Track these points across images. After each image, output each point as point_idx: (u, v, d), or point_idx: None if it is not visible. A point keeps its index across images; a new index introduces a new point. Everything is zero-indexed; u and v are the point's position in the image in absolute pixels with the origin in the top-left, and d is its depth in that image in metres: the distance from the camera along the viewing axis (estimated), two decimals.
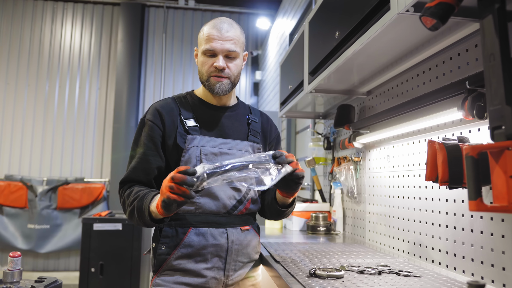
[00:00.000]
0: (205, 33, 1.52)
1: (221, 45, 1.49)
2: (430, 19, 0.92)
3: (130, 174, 1.49)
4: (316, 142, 2.95)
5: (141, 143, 1.51)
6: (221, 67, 1.50)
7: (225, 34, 1.50)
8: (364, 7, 1.35)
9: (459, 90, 1.28)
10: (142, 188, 1.43)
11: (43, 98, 6.29)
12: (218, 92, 1.53)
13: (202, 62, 1.53)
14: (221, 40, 1.49)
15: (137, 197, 1.38)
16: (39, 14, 6.42)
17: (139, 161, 1.49)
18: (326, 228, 2.51)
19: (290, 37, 4.75)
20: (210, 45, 1.49)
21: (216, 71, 1.51)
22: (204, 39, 1.52)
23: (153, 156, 1.49)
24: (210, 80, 1.53)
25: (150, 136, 1.50)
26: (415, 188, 1.70)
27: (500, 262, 1.20)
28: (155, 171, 1.49)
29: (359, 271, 1.37)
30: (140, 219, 1.37)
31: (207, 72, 1.53)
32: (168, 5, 6.60)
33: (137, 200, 1.37)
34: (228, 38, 1.50)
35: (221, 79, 1.52)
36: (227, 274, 1.52)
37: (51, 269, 5.90)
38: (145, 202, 1.34)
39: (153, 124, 1.51)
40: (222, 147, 1.53)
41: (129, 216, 1.42)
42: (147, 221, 1.35)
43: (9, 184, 5.80)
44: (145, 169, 1.48)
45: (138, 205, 1.35)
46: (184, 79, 6.63)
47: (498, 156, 0.81)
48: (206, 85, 1.55)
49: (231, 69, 1.53)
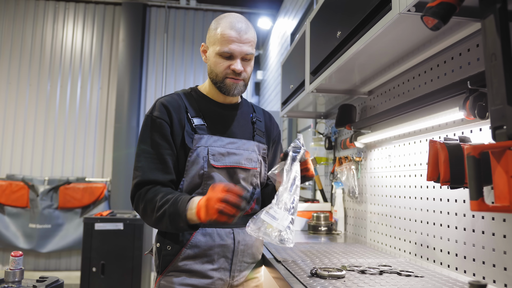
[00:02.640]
0: (222, 33, 1.45)
1: (239, 47, 1.45)
2: (431, 19, 0.92)
3: (148, 174, 1.41)
4: (317, 142, 2.95)
5: (154, 142, 1.44)
6: (240, 70, 1.46)
7: (244, 36, 1.45)
8: (366, 7, 1.35)
9: (461, 90, 1.27)
10: (167, 191, 1.38)
11: (45, 97, 6.30)
12: (234, 94, 1.51)
13: (217, 63, 1.48)
14: (240, 43, 1.45)
15: (167, 202, 1.32)
16: (40, 14, 6.43)
17: (154, 161, 1.43)
18: (328, 228, 2.51)
19: (291, 37, 4.75)
20: (228, 47, 1.44)
21: (232, 73, 1.47)
22: (220, 39, 1.45)
23: (169, 155, 1.44)
24: (225, 81, 1.49)
25: (162, 133, 1.45)
26: (417, 188, 1.70)
27: (502, 262, 1.20)
28: (172, 171, 1.45)
29: (360, 271, 1.37)
30: (172, 225, 1.33)
31: (222, 73, 1.48)
32: (169, 5, 6.61)
33: (169, 206, 1.31)
34: (246, 40, 1.46)
35: (237, 81, 1.49)
36: (232, 275, 1.51)
37: (53, 269, 5.91)
38: (180, 209, 1.30)
39: (162, 121, 1.45)
40: (230, 147, 1.50)
41: (156, 221, 1.36)
42: (182, 227, 1.32)
43: (10, 184, 5.81)
44: (163, 169, 1.43)
45: (171, 210, 1.31)
46: (185, 79, 6.63)
47: (500, 156, 0.81)
48: (221, 86, 1.50)
49: (247, 71, 1.50)
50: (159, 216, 1.34)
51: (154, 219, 1.37)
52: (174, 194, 1.35)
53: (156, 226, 1.40)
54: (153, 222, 1.38)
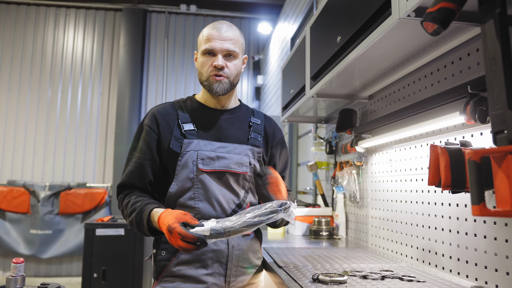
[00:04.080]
0: (205, 34, 1.54)
1: (220, 44, 1.50)
2: (431, 24, 0.92)
3: (127, 178, 1.53)
4: (318, 147, 2.95)
5: (138, 148, 1.54)
6: (220, 65, 1.50)
7: (224, 34, 1.51)
8: (366, 12, 1.35)
9: (461, 95, 1.27)
10: (138, 198, 1.47)
11: (46, 103, 6.31)
12: (217, 92, 1.53)
13: (202, 63, 1.54)
14: (221, 40, 1.51)
15: (134, 210, 1.43)
16: (41, 20, 6.46)
17: (135, 166, 1.52)
18: (329, 233, 2.51)
19: (291, 42, 4.76)
20: (209, 44, 1.50)
21: (215, 70, 1.51)
22: (204, 39, 1.53)
23: (148, 161, 1.52)
24: (209, 79, 1.53)
25: (146, 140, 1.53)
26: (418, 192, 1.70)
27: (504, 267, 1.20)
28: (150, 176, 1.53)
29: (362, 276, 1.37)
30: (139, 231, 1.44)
31: (206, 72, 1.53)
32: (169, 11, 6.63)
33: (135, 214, 1.42)
34: (227, 37, 1.51)
35: (220, 78, 1.52)
36: (228, 280, 1.51)
37: (54, 275, 5.89)
38: (143, 217, 1.40)
39: (149, 128, 1.54)
40: (220, 151, 1.52)
41: (130, 225, 1.49)
42: (147, 234, 1.44)
43: (11, 190, 5.81)
44: (140, 174, 1.52)
45: (137, 219, 1.41)
46: (185, 84, 6.65)
47: (501, 160, 0.81)
48: (205, 85, 1.55)
49: (230, 69, 1.53)
50: (130, 221, 1.46)
51: (128, 223, 1.49)
52: (143, 202, 1.44)
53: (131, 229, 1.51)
54: (128, 224, 1.50)
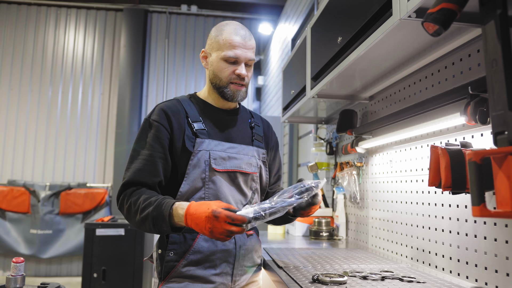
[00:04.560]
0: (227, 38, 1.49)
1: (244, 53, 1.49)
2: (432, 25, 0.92)
3: (135, 176, 1.42)
4: (318, 147, 2.95)
5: (148, 145, 1.46)
6: (245, 75, 1.50)
7: (248, 42, 1.51)
8: (366, 13, 1.35)
9: (462, 95, 1.27)
10: (152, 194, 1.38)
11: (46, 103, 6.32)
12: (237, 100, 1.54)
13: (221, 68, 1.51)
14: (245, 48, 1.49)
15: (149, 205, 1.32)
16: (42, 20, 6.47)
17: (145, 163, 1.43)
18: (329, 234, 2.51)
19: (292, 43, 4.76)
20: (234, 52, 1.48)
21: (237, 78, 1.51)
22: (226, 44, 1.49)
23: (160, 159, 1.45)
24: (230, 87, 1.52)
25: (157, 137, 1.46)
26: (418, 193, 1.70)
27: (504, 268, 1.19)
28: (161, 174, 1.45)
29: (362, 277, 1.37)
30: (156, 227, 1.32)
31: (226, 79, 1.51)
32: (170, 11, 6.64)
33: (152, 208, 1.30)
34: (250, 46, 1.51)
35: (241, 87, 1.53)
36: (234, 279, 1.52)
37: (54, 275, 5.89)
38: (164, 212, 1.29)
39: (160, 125, 1.47)
40: (230, 152, 1.52)
41: (139, 223, 1.36)
42: (165, 230, 1.32)
43: (12, 189, 5.81)
44: (152, 171, 1.43)
45: (154, 214, 1.30)
46: (186, 84, 6.65)
47: (501, 161, 0.81)
48: (224, 91, 1.53)
49: (249, 77, 1.55)
50: (143, 217, 1.33)
51: (137, 220, 1.36)
52: (158, 197, 1.35)
53: (139, 227, 1.38)
54: (136, 223, 1.37)
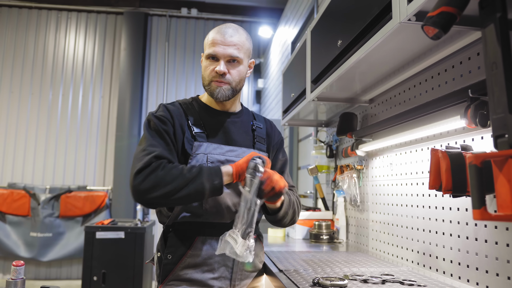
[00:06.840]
0: (210, 38, 1.52)
1: (223, 50, 1.48)
2: (432, 29, 0.92)
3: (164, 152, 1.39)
4: (318, 150, 2.95)
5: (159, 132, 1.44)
6: (221, 71, 1.48)
7: (229, 39, 1.49)
8: (366, 16, 1.36)
9: (462, 98, 1.28)
10: None
11: (47, 106, 6.32)
12: (218, 97, 1.52)
13: (205, 67, 1.53)
14: (224, 45, 1.48)
15: (196, 167, 1.35)
16: (43, 23, 6.48)
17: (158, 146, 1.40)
18: (329, 237, 2.50)
19: (292, 46, 4.77)
20: (212, 49, 1.49)
21: (217, 76, 1.49)
22: (208, 43, 1.52)
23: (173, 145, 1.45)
24: (211, 84, 1.52)
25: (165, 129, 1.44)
26: (419, 196, 1.69)
27: (505, 271, 1.19)
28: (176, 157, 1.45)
29: (362, 280, 1.36)
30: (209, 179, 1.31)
31: (208, 77, 1.52)
32: (170, 14, 6.65)
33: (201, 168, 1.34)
34: (231, 43, 1.49)
35: (221, 84, 1.50)
36: (233, 284, 1.50)
37: (53, 278, 5.88)
38: (216, 168, 1.36)
39: (165, 119, 1.47)
40: (229, 155, 1.51)
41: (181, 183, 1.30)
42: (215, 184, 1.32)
43: (12, 192, 5.80)
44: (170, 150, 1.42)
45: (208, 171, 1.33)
46: (186, 88, 6.66)
47: (502, 164, 0.81)
48: (207, 89, 1.54)
49: (233, 75, 1.51)
50: (192, 176, 1.31)
51: (180, 182, 1.31)
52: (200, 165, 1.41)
53: (176, 192, 1.30)
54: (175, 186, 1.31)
